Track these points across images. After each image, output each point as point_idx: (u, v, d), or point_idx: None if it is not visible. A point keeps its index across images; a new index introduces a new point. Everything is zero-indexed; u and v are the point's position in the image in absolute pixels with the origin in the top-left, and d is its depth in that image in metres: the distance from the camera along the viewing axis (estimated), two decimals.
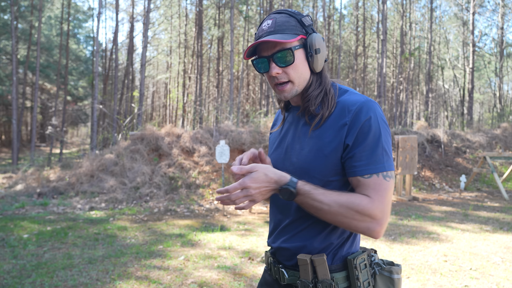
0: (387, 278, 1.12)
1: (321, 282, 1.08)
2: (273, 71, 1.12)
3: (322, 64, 1.16)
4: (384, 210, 1.03)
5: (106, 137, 14.03)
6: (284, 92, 1.15)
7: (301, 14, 1.15)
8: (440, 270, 3.93)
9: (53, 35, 27.17)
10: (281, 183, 1.06)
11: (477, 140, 12.39)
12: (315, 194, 1.04)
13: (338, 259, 1.12)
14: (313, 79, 1.17)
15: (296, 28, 1.13)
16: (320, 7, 25.18)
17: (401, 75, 23.45)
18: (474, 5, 18.73)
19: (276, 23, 1.12)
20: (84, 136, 46.32)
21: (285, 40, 1.08)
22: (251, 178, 1.04)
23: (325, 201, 1.04)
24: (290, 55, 1.10)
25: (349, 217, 1.03)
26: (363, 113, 1.07)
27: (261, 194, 1.06)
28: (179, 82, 25.44)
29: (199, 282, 3.58)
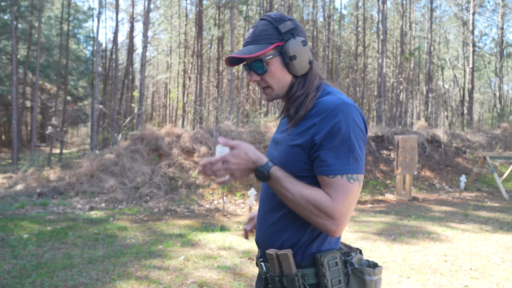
0: (359, 278, 1.13)
1: (285, 276, 1.12)
2: (252, 78, 1.22)
3: (303, 67, 1.19)
4: (343, 211, 1.06)
5: (106, 137, 14.03)
6: (267, 95, 1.24)
7: (281, 20, 1.18)
8: (440, 270, 3.93)
9: (53, 35, 27.17)
10: (257, 164, 1.13)
11: (477, 140, 12.39)
12: (284, 181, 1.10)
13: (307, 256, 1.15)
14: (295, 82, 1.21)
15: (272, 36, 1.17)
16: (320, 7, 25.19)
17: (401, 75, 23.45)
18: (474, 5, 18.73)
19: (254, 32, 1.19)
20: (84, 136, 46.33)
21: (252, 55, 1.15)
22: (232, 154, 1.13)
23: (291, 190, 1.09)
24: (261, 65, 1.18)
25: (308, 210, 1.07)
26: (334, 114, 1.09)
27: (239, 171, 1.14)
28: (179, 82, 25.45)
29: (199, 282, 3.58)
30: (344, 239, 5.14)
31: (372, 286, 1.13)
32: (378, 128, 12.38)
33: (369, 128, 12.57)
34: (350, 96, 28.33)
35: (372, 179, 9.94)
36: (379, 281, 1.15)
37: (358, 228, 5.82)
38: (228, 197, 8.21)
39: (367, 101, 31.59)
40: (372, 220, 6.36)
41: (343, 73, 29.86)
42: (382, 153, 11.10)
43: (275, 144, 1.26)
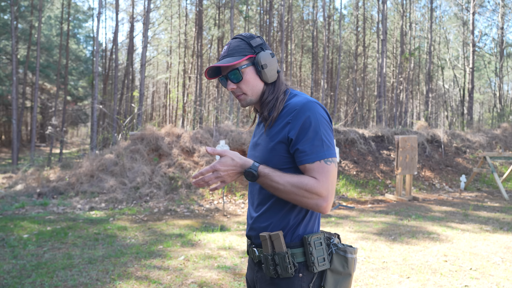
0: (342, 257, 1.32)
1: (277, 254, 1.28)
2: (229, 86, 1.40)
3: (273, 75, 1.39)
4: (329, 188, 1.25)
5: (106, 137, 14.03)
6: (241, 101, 1.42)
7: (252, 37, 1.40)
8: (440, 270, 3.93)
9: (53, 35, 27.16)
10: (245, 167, 1.29)
11: (477, 140, 12.39)
12: (272, 176, 1.26)
13: (295, 238, 1.32)
14: (266, 89, 1.40)
15: (245, 50, 1.37)
16: (320, 7, 25.18)
17: (401, 75, 23.45)
18: (474, 5, 18.73)
19: (229, 48, 1.39)
20: (84, 136, 46.32)
21: (229, 64, 1.33)
22: (220, 162, 1.28)
23: (280, 181, 1.25)
24: (237, 73, 1.37)
25: (300, 195, 1.24)
26: (302, 112, 1.29)
27: (229, 176, 1.29)
28: (179, 82, 25.44)
29: (199, 282, 3.58)
30: (344, 239, 5.15)
31: (352, 263, 1.33)
32: (378, 128, 12.38)
33: (369, 128, 12.56)
34: (350, 96, 28.33)
35: (372, 179, 9.93)
36: (356, 260, 1.36)
37: (358, 228, 5.82)
38: (228, 197, 8.21)
39: (367, 101, 31.58)
40: (372, 220, 6.36)
41: (343, 73, 29.86)
42: (382, 153, 11.10)
43: (255, 147, 1.43)
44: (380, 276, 3.76)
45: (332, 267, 1.30)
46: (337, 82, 19.97)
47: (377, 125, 15.26)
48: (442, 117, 29.67)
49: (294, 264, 1.28)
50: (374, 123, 21.87)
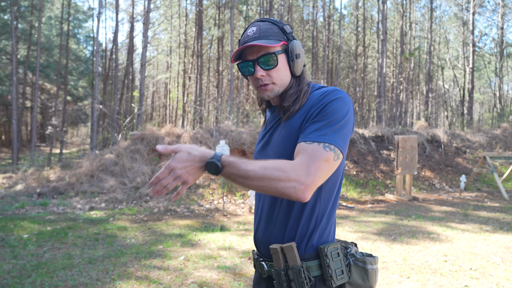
0: (361, 268, 1.17)
1: (291, 269, 1.13)
2: (258, 73, 1.21)
3: (301, 68, 1.26)
4: (311, 171, 1.03)
5: (106, 137, 14.03)
6: (267, 91, 1.24)
7: (282, 23, 1.26)
8: (440, 270, 3.93)
9: (53, 35, 27.17)
10: (205, 159, 1.08)
11: (477, 140, 12.39)
12: (239, 163, 1.07)
13: (310, 249, 1.17)
14: (293, 82, 1.26)
15: (279, 34, 1.23)
16: (320, 7, 25.19)
17: (401, 75, 23.45)
18: (474, 5, 18.73)
19: (261, 29, 1.22)
20: (84, 136, 46.32)
21: (269, 45, 1.18)
22: (175, 159, 1.07)
23: (250, 167, 1.05)
24: (273, 59, 1.20)
25: (275, 177, 1.03)
26: (332, 95, 1.15)
27: (189, 174, 1.07)
28: (179, 82, 25.44)
29: (199, 282, 3.58)
30: (344, 239, 5.15)
31: (373, 275, 1.17)
32: (378, 128, 12.38)
33: (369, 128, 12.56)
34: (350, 96, 28.29)
35: (372, 179, 9.93)
36: (377, 270, 1.20)
37: (358, 228, 5.82)
38: (228, 197, 8.20)
39: (367, 101, 31.58)
40: (372, 220, 6.36)
41: (343, 73, 29.85)
42: (382, 153, 11.10)
43: (265, 146, 1.28)
44: (380, 276, 3.76)
45: (351, 280, 1.16)
46: (337, 82, 19.97)
47: (377, 125, 15.27)
48: (442, 117, 29.67)
49: (310, 278, 1.13)
50: (374, 123, 21.87)
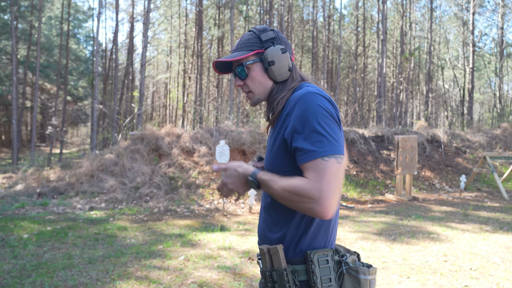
0: (354, 277, 1.16)
1: (275, 271, 1.15)
2: (236, 83, 1.31)
3: (282, 73, 1.25)
4: (322, 189, 1.06)
5: (106, 137, 14.03)
6: (249, 99, 1.32)
7: (264, 30, 1.28)
8: (440, 270, 3.93)
9: (53, 35, 27.16)
10: (246, 176, 1.20)
11: (477, 140, 12.39)
12: (269, 181, 1.15)
13: (298, 253, 1.18)
14: (274, 87, 1.28)
15: (253, 44, 1.27)
16: (320, 7, 25.19)
17: (401, 75, 23.45)
18: (474, 5, 18.73)
19: (240, 41, 1.30)
20: (84, 136, 46.31)
21: (233, 59, 1.24)
22: (227, 175, 1.24)
23: (275, 187, 1.14)
24: (242, 70, 1.27)
25: (292, 199, 1.10)
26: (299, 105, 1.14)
27: (237, 187, 1.23)
28: (179, 82, 25.44)
29: (199, 282, 3.58)
30: (344, 239, 5.15)
31: (367, 286, 1.15)
32: (378, 128, 12.38)
33: (369, 128, 12.56)
34: (350, 96, 28.33)
35: (372, 179, 9.93)
36: (373, 281, 1.17)
37: (358, 228, 5.82)
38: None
39: (367, 101, 31.58)
40: (372, 220, 6.36)
41: (343, 73, 29.85)
42: (382, 153, 11.10)
43: (266, 148, 1.34)
44: (380, 276, 3.76)
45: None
46: (337, 82, 19.97)
47: (377, 125, 15.27)
48: (442, 117, 29.67)
49: (295, 282, 1.13)
50: (374, 123, 21.87)
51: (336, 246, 1.26)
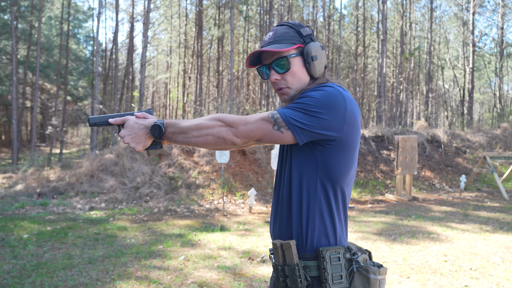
0: (364, 277, 1.16)
1: (287, 265, 1.16)
2: (273, 77, 1.26)
3: (320, 69, 1.26)
4: (247, 120, 1.15)
5: (106, 137, 14.03)
6: (283, 95, 1.28)
7: (301, 25, 1.27)
8: (440, 270, 3.93)
9: (53, 35, 27.16)
10: (150, 124, 1.20)
11: (477, 140, 12.39)
12: (180, 122, 1.19)
13: (310, 249, 1.18)
14: (310, 84, 1.26)
15: (294, 38, 1.25)
16: (320, 7, 25.19)
17: (401, 75, 23.44)
18: (474, 5, 18.73)
19: (276, 34, 1.25)
20: (84, 136, 46.29)
21: (279, 50, 1.20)
22: (124, 128, 1.22)
23: (190, 122, 1.18)
24: (286, 62, 1.23)
25: (212, 125, 1.15)
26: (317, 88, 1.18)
27: (135, 140, 1.20)
28: (179, 82, 25.44)
29: (199, 282, 3.58)
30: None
31: (376, 285, 1.16)
32: (378, 128, 12.38)
33: (369, 128, 12.56)
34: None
35: (372, 179, 9.93)
36: (383, 281, 1.18)
37: (358, 228, 5.82)
38: (228, 197, 8.20)
39: (367, 101, 31.58)
40: (372, 220, 6.36)
41: (343, 73, 29.85)
42: (382, 153, 11.10)
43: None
44: None
45: (352, 287, 1.15)
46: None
47: (377, 125, 15.26)
48: (442, 117, 29.67)
49: (307, 278, 1.15)
50: (374, 123, 21.86)
51: (349, 243, 1.26)
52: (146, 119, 1.24)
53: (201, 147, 1.19)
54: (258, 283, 3.58)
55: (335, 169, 1.18)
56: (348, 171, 1.21)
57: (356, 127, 1.18)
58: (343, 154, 1.18)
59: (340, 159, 1.18)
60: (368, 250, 1.26)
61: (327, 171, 1.18)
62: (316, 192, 1.18)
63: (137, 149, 1.20)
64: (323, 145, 1.16)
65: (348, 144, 1.18)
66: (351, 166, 1.21)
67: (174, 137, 1.18)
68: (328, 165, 1.18)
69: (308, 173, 1.19)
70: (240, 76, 20.63)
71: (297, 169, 1.20)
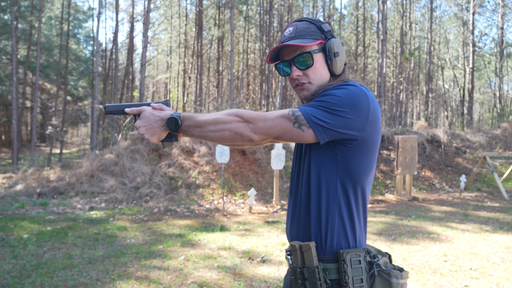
0: (385, 280, 1.13)
1: (307, 268, 1.14)
2: (294, 73, 1.23)
3: (341, 67, 1.24)
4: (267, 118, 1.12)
5: (106, 137, 14.03)
6: (304, 91, 1.24)
7: (321, 21, 1.25)
8: (440, 270, 3.93)
9: (53, 35, 27.16)
10: (166, 117, 1.19)
11: (477, 140, 12.39)
12: (197, 116, 1.17)
13: (329, 251, 1.16)
14: (331, 81, 1.25)
15: (316, 33, 1.22)
16: (320, 7, 25.19)
17: (401, 75, 23.44)
18: (474, 5, 18.73)
19: (297, 29, 1.23)
20: (84, 136, 46.29)
21: (304, 44, 1.18)
22: (140, 118, 1.22)
23: (206, 116, 1.16)
24: (309, 58, 1.20)
25: (229, 120, 1.12)
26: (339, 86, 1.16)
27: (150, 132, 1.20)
28: (179, 82, 25.44)
29: (199, 282, 3.58)
30: None
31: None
32: None
33: None
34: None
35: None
36: (405, 285, 1.14)
37: None
38: (228, 197, 8.20)
39: None
40: (372, 220, 6.36)
41: None
42: (382, 153, 11.10)
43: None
44: None
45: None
46: None
47: None
48: (442, 117, 29.67)
49: (326, 281, 1.12)
50: None
51: (367, 246, 1.24)
52: (162, 111, 1.22)
53: (217, 142, 1.16)
54: (258, 283, 3.59)
55: (356, 169, 1.16)
56: (369, 171, 1.19)
57: (378, 127, 1.17)
58: (364, 154, 1.16)
59: (361, 159, 1.16)
60: (388, 253, 1.23)
61: (348, 171, 1.16)
62: (336, 192, 1.16)
63: (151, 140, 1.20)
64: (344, 145, 1.14)
65: (370, 144, 1.16)
66: (372, 166, 1.20)
67: (190, 130, 1.17)
68: (349, 165, 1.15)
69: (328, 173, 1.16)
70: (240, 76, 20.63)
71: (316, 168, 1.18)
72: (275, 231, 5.59)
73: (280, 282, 3.62)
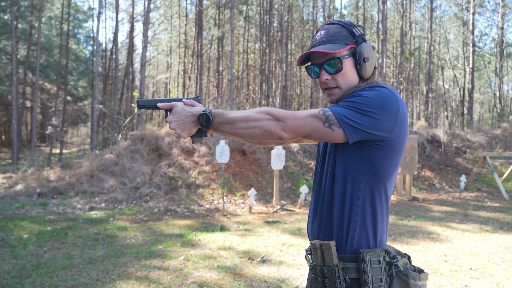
0: (403, 281, 1.14)
1: (327, 266, 1.16)
2: (323, 77, 1.25)
3: (371, 71, 1.26)
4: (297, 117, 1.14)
5: (106, 137, 14.02)
6: (332, 96, 1.27)
7: (353, 25, 1.26)
8: (440, 270, 3.93)
9: (53, 35, 27.15)
10: (198, 113, 1.21)
11: (477, 140, 12.39)
12: (228, 113, 1.19)
13: (350, 250, 1.17)
14: (360, 83, 1.26)
15: (347, 38, 1.23)
16: (320, 7, 25.18)
17: (401, 75, 23.45)
18: (474, 5, 18.73)
19: (328, 33, 1.24)
20: (84, 136, 46.29)
21: (333, 51, 1.20)
22: (172, 114, 1.23)
23: (237, 113, 1.17)
24: (339, 63, 1.22)
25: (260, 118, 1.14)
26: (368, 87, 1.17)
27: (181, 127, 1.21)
28: (179, 82, 25.44)
29: (199, 282, 3.58)
30: None
31: None
32: None
33: None
34: None
35: None
36: (423, 287, 1.15)
37: None
38: (228, 197, 8.20)
39: None
40: None
41: None
42: None
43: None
44: None
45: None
46: None
47: None
48: (442, 117, 29.67)
49: (346, 280, 1.14)
50: None
51: (387, 247, 1.24)
52: (194, 106, 1.25)
53: (247, 140, 1.18)
54: (258, 283, 3.59)
55: (381, 170, 1.17)
56: (393, 171, 1.20)
57: (405, 129, 1.18)
58: (391, 155, 1.17)
59: (387, 160, 1.17)
60: (408, 254, 1.23)
61: (373, 172, 1.17)
62: (360, 192, 1.17)
63: (182, 135, 1.22)
64: (371, 145, 1.15)
65: (397, 145, 1.17)
66: (396, 167, 1.21)
67: (221, 127, 1.18)
68: (374, 165, 1.16)
69: (353, 172, 1.18)
70: (240, 76, 20.63)
71: (342, 168, 1.19)
72: (275, 231, 5.59)
73: (280, 282, 3.62)
